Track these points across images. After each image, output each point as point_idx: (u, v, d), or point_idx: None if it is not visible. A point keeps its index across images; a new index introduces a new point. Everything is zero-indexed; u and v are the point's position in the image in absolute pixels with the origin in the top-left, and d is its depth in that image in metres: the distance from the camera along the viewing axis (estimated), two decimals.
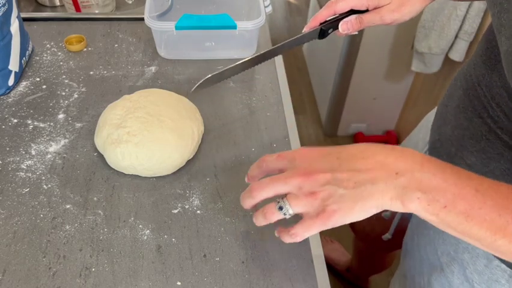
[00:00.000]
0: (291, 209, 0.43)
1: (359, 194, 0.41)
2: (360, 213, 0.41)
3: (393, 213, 0.80)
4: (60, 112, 0.70)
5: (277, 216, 0.45)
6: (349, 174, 0.41)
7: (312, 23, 0.62)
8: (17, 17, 0.74)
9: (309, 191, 0.42)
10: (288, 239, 0.45)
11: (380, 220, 0.85)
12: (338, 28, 0.62)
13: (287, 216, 0.44)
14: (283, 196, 0.44)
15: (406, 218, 0.76)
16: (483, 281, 0.55)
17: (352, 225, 1.06)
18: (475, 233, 0.39)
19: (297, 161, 0.45)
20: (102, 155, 0.63)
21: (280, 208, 0.44)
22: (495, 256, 0.52)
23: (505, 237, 0.38)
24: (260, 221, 0.47)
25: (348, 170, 0.41)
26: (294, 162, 0.45)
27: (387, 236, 0.81)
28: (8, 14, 0.71)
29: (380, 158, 0.41)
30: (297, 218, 0.45)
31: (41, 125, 0.68)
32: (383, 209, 0.41)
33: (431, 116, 0.78)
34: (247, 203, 0.47)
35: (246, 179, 0.50)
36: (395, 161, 0.41)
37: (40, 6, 1.04)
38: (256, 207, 0.48)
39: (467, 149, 0.55)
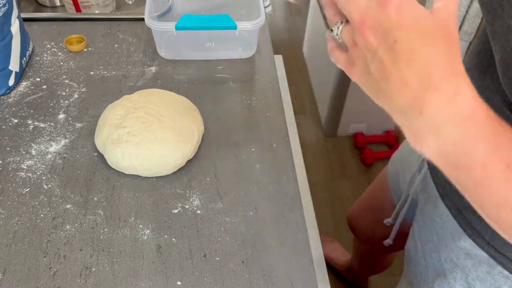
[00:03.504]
0: (340, 34, 0.39)
1: (379, 84, 0.37)
2: (373, 97, 0.38)
3: (395, 220, 0.80)
4: (61, 112, 0.70)
5: (329, 33, 0.41)
6: (387, 65, 0.36)
7: None
8: (18, 17, 0.74)
9: (354, 40, 0.38)
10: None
11: (381, 225, 0.85)
12: None
13: (337, 36, 0.40)
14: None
15: (407, 222, 0.76)
16: (485, 287, 0.54)
17: (353, 229, 1.05)
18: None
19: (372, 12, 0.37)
20: (102, 155, 0.63)
21: (332, 30, 0.40)
22: (497, 262, 0.52)
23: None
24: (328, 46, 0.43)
25: (392, 60, 0.35)
26: (369, 10, 0.37)
27: (388, 241, 0.81)
28: (8, 14, 0.71)
29: (425, 73, 0.35)
30: None
31: (42, 125, 0.68)
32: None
33: None
34: None
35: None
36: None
37: (40, 7, 1.04)
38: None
39: None
